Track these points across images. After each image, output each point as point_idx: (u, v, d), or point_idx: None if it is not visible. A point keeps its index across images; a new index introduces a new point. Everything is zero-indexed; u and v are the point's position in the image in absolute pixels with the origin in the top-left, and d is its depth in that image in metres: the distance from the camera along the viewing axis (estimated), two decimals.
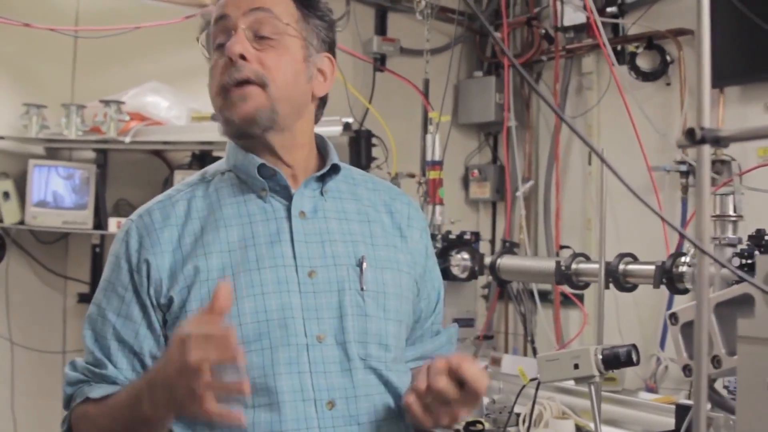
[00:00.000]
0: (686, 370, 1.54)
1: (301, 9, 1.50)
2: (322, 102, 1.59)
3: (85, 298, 3.94)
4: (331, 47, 1.57)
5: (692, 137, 1.18)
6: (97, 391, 1.42)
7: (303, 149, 1.54)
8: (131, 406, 1.32)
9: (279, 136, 1.48)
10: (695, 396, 1.11)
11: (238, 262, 1.43)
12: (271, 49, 1.45)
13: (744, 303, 1.41)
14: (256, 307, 1.41)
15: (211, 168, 1.58)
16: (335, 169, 1.54)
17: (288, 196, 1.49)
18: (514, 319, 4.18)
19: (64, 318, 3.98)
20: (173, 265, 1.44)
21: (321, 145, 1.60)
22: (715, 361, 1.44)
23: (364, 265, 1.48)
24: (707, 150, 1.20)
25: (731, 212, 2.30)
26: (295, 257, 1.45)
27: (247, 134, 1.46)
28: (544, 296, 3.89)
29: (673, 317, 1.58)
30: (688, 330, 1.54)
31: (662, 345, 3.48)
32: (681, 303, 3.43)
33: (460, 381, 1.31)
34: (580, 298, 3.72)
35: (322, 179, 1.53)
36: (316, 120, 1.60)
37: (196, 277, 1.42)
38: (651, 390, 3.32)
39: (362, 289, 1.47)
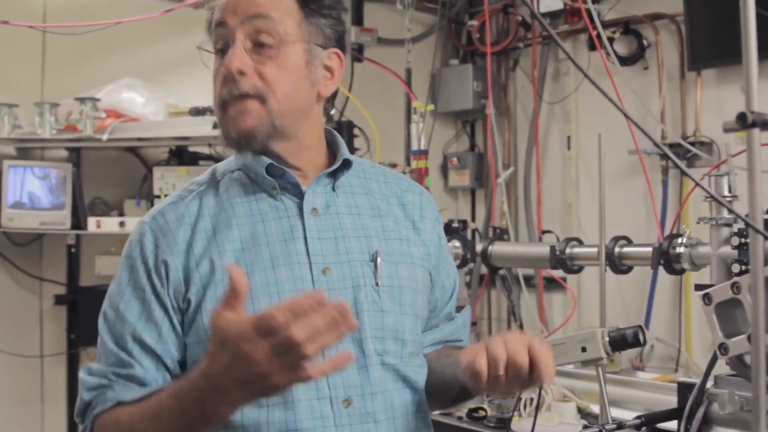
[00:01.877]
0: (721, 348, 1.57)
1: (304, 8, 1.46)
2: (332, 96, 1.56)
3: (61, 300, 3.89)
4: (339, 41, 1.53)
5: (744, 121, 1.20)
6: (130, 393, 1.37)
7: (310, 150, 1.52)
8: (184, 411, 1.25)
9: (283, 143, 1.47)
10: (754, 373, 1.14)
11: (252, 260, 1.41)
12: (270, 59, 1.42)
13: None
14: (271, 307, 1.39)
15: (220, 166, 1.56)
16: (347, 164, 1.53)
17: (299, 194, 1.48)
18: (497, 305, 4.21)
19: (41, 321, 3.91)
20: (187, 265, 1.42)
21: (330, 140, 1.58)
22: (751, 338, 1.47)
23: (379, 259, 1.48)
24: (758, 133, 1.22)
25: (726, 193, 2.34)
26: (308, 254, 1.44)
27: (246, 148, 1.45)
28: (527, 281, 3.92)
29: (707, 297, 1.60)
30: (721, 310, 1.57)
31: (647, 325, 3.54)
32: (664, 283, 3.51)
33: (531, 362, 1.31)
34: (563, 281, 3.77)
35: (333, 175, 1.52)
36: (326, 114, 1.57)
37: (210, 277, 1.40)
38: (637, 369, 3.37)
39: (377, 284, 1.47)
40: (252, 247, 1.43)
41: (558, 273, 3.33)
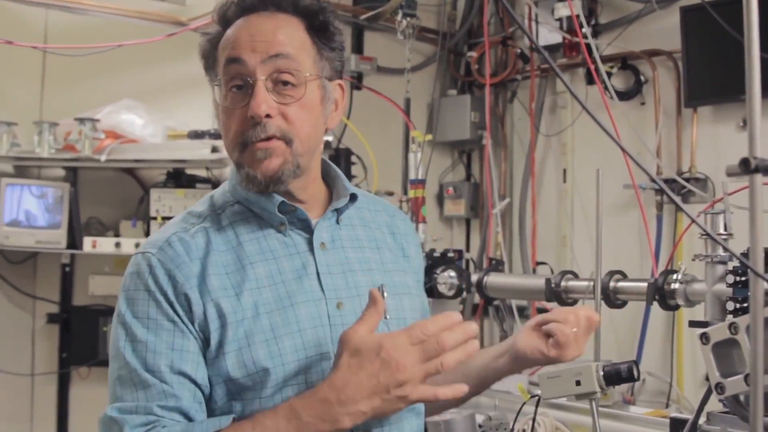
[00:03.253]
0: (718, 388, 1.58)
1: (317, 44, 1.45)
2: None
3: (54, 319, 3.87)
4: (341, 71, 1.53)
5: (747, 166, 1.22)
6: (180, 426, 1.32)
7: (315, 183, 1.52)
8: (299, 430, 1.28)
9: (297, 181, 1.45)
10: (752, 411, 1.15)
11: (269, 300, 1.40)
12: (292, 100, 1.40)
13: None
14: (295, 345, 1.38)
15: (217, 198, 1.52)
16: (352, 198, 1.53)
17: (307, 228, 1.48)
18: (490, 334, 4.22)
19: (33, 339, 3.90)
20: (204, 301, 1.37)
21: (324, 170, 1.57)
22: (748, 378, 1.49)
23: (385, 293, 1.46)
24: (760, 178, 1.24)
25: (722, 230, 2.35)
26: (323, 290, 1.44)
27: (273, 190, 1.43)
28: (520, 311, 3.94)
29: (704, 337, 1.62)
30: (719, 349, 1.58)
31: (639, 359, 3.55)
32: (657, 318, 3.53)
33: None
34: None
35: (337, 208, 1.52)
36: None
37: (230, 318, 1.37)
38: (628, 403, 3.38)
39: (386, 317, 1.44)
40: (267, 286, 1.41)
41: (551, 304, 3.33)
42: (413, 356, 1.25)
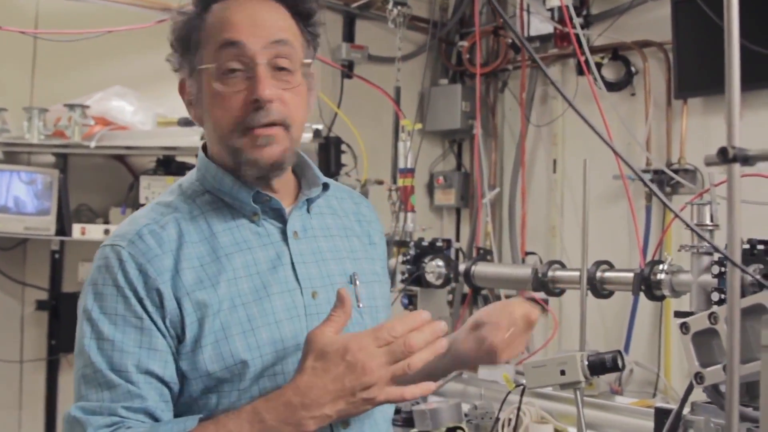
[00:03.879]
0: (697, 377, 1.59)
1: (304, 31, 1.46)
2: None
3: (43, 305, 3.86)
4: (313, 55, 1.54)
5: (725, 156, 1.22)
6: (144, 426, 1.29)
7: (288, 171, 1.50)
8: None
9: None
10: (728, 402, 1.15)
11: (245, 291, 1.38)
12: (290, 86, 1.40)
13: (753, 312, 1.46)
14: (272, 337, 1.37)
15: (186, 187, 1.48)
16: (324, 188, 1.53)
17: (281, 218, 1.46)
18: None
19: (22, 326, 3.89)
20: (178, 295, 1.34)
21: None
22: (726, 368, 1.49)
23: (357, 281, 1.49)
24: (738, 168, 1.24)
25: (708, 221, 2.36)
26: (297, 280, 1.43)
27: (272, 176, 1.43)
28: None
29: (684, 326, 1.63)
30: (699, 339, 1.59)
31: (626, 349, 3.56)
32: (645, 308, 3.54)
33: None
34: (545, 302, 3.79)
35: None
36: None
37: (206, 310, 1.34)
38: (615, 393, 3.39)
39: (359, 305, 1.47)
40: (243, 277, 1.39)
41: (540, 295, 3.35)
42: (379, 359, 1.23)
